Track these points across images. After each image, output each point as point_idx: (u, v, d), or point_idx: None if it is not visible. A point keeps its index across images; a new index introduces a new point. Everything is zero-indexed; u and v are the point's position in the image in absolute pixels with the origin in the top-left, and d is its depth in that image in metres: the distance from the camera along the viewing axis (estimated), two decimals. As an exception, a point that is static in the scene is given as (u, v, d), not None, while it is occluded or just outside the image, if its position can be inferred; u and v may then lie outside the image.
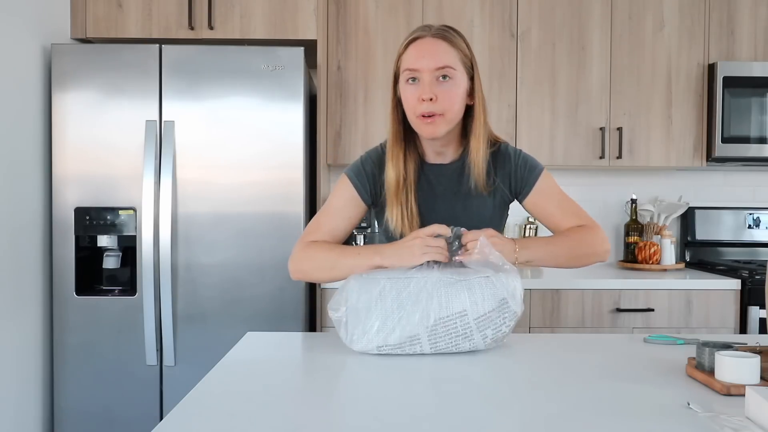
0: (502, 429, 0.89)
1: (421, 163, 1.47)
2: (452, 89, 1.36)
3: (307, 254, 1.41)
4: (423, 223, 1.42)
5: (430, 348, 1.25)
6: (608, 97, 2.83)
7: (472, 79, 1.41)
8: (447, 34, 1.36)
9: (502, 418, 0.93)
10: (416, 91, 1.35)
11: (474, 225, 1.37)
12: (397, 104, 1.43)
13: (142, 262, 2.31)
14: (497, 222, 1.51)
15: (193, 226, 2.34)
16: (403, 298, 1.24)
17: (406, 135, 1.44)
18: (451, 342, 1.25)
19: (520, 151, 1.50)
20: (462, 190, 1.45)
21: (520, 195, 1.49)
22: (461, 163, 1.45)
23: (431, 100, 1.33)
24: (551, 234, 1.49)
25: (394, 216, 1.41)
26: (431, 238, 1.29)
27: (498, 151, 1.48)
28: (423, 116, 1.35)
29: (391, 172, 1.41)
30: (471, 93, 1.41)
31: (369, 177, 1.47)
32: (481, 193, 1.45)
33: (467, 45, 1.40)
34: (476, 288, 1.24)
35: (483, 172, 1.43)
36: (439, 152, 1.47)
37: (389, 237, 1.47)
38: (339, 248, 1.41)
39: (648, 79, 2.83)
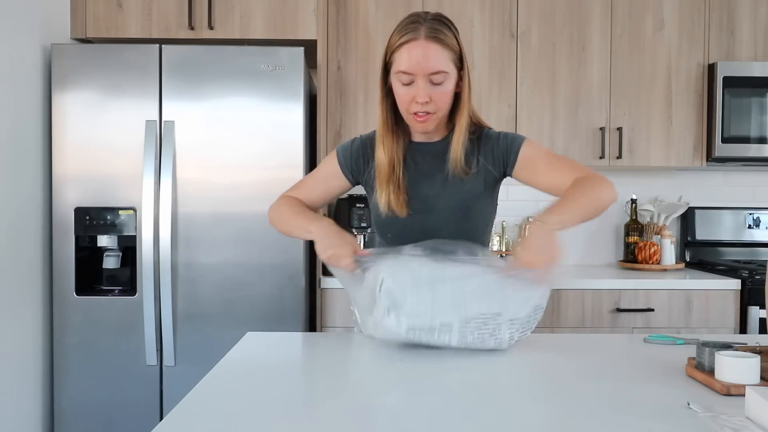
0: (502, 428, 0.89)
1: (408, 142, 1.51)
2: (444, 89, 1.39)
3: (278, 204, 1.56)
4: (410, 202, 1.46)
5: (458, 341, 1.27)
6: (608, 97, 2.83)
7: (460, 69, 1.42)
8: (439, 34, 1.35)
9: (502, 417, 0.93)
10: (410, 91, 1.37)
11: (460, 204, 1.45)
12: (386, 93, 1.45)
13: (142, 262, 2.31)
14: (486, 202, 1.51)
15: (193, 226, 2.34)
16: (437, 283, 1.26)
17: (396, 120, 1.48)
18: (479, 338, 1.28)
19: (503, 132, 1.52)
20: (447, 169, 1.48)
21: (507, 167, 1.49)
22: (446, 143, 1.48)
23: (426, 102, 1.37)
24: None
25: (383, 195, 1.46)
26: (349, 258, 1.32)
27: (481, 135, 1.51)
28: (416, 114, 1.39)
29: (383, 157, 1.45)
30: (458, 81, 1.43)
31: (353, 156, 1.54)
32: (462, 176, 1.47)
33: (457, 38, 1.40)
34: (511, 290, 1.27)
35: (461, 158, 1.45)
36: (425, 134, 1.50)
37: (377, 214, 1.51)
38: (298, 208, 1.52)
39: (648, 79, 2.83)
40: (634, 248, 2.99)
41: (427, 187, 1.48)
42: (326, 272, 2.57)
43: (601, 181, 1.36)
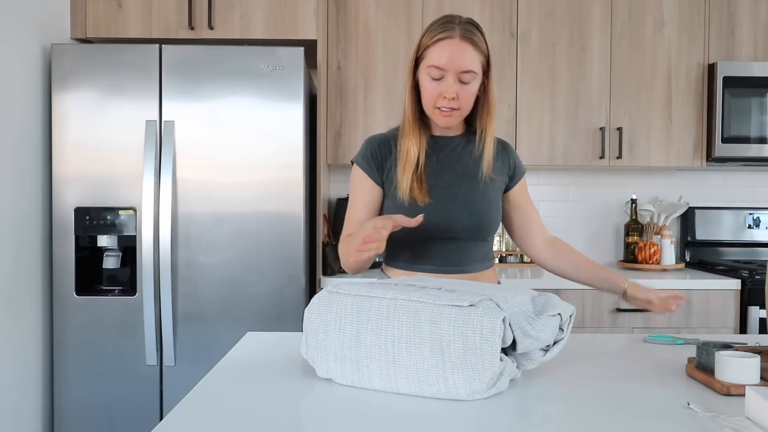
0: (502, 428, 0.89)
1: (429, 136, 1.57)
2: (471, 89, 1.47)
3: (340, 251, 1.56)
4: (430, 192, 1.50)
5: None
6: (608, 97, 2.83)
7: (485, 73, 1.50)
8: (473, 36, 1.44)
9: (502, 416, 0.93)
10: (438, 87, 1.45)
11: (476, 196, 1.51)
12: (414, 86, 1.52)
13: (142, 262, 2.31)
14: (499, 200, 1.58)
15: (193, 226, 2.34)
16: (363, 323, 1.07)
17: (422, 113, 1.53)
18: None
19: (515, 150, 1.68)
20: (464, 162, 1.55)
21: (510, 182, 1.61)
22: (465, 137, 1.57)
23: (453, 99, 1.44)
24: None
25: (405, 184, 1.49)
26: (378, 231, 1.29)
27: (497, 141, 1.61)
28: (440, 109, 1.46)
29: (413, 148, 1.51)
30: (481, 84, 1.51)
31: (374, 154, 1.57)
32: (483, 174, 1.54)
33: (486, 43, 1.48)
34: (445, 323, 1.01)
35: (492, 161, 1.54)
36: (444, 128, 1.57)
37: (398, 204, 1.52)
38: (347, 239, 1.53)
39: (648, 79, 2.83)
40: (634, 248, 2.99)
41: (447, 178, 1.53)
42: (326, 272, 2.57)
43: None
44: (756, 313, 2.51)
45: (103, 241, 2.37)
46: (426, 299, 1.04)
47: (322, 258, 2.55)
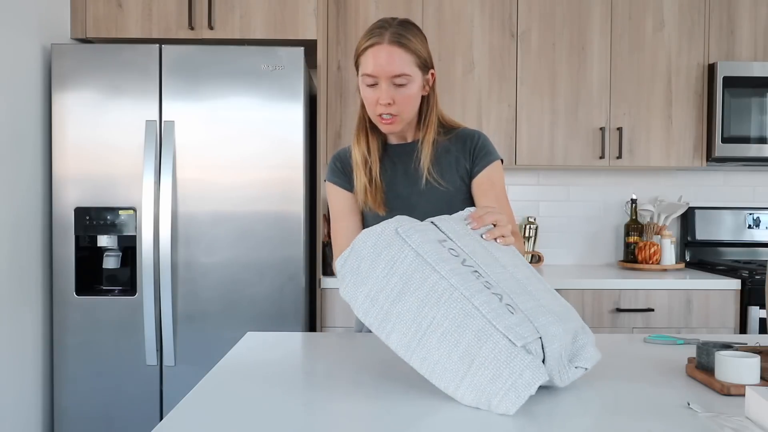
0: (503, 427, 0.89)
1: (385, 146, 1.56)
2: (407, 92, 1.44)
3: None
4: (386, 199, 1.50)
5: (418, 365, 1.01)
6: (608, 97, 2.83)
7: (427, 70, 1.48)
8: (402, 39, 1.41)
9: (500, 415, 0.93)
10: (374, 94, 1.43)
11: (440, 200, 1.48)
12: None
13: (142, 262, 2.31)
14: (462, 205, 1.52)
15: (193, 226, 2.34)
16: (411, 287, 1.00)
17: (371, 121, 1.52)
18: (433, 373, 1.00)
19: (485, 135, 1.57)
20: (421, 170, 1.52)
21: (471, 171, 1.53)
22: (419, 143, 1.54)
23: (389, 104, 1.42)
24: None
25: (361, 194, 1.50)
26: None
27: (459, 134, 1.55)
28: (381, 117, 1.44)
29: (357, 152, 1.51)
30: (425, 84, 1.49)
31: (341, 167, 1.57)
32: (437, 177, 1.50)
33: (422, 44, 1.45)
34: (487, 351, 0.95)
35: (431, 159, 1.49)
36: (399, 136, 1.56)
37: (365, 214, 1.54)
38: None
39: (648, 79, 2.83)
40: (634, 248, 2.99)
41: (406, 187, 1.51)
42: (326, 272, 2.57)
43: (522, 246, 1.48)
44: (756, 313, 2.51)
45: (103, 241, 2.37)
46: (485, 310, 0.96)
47: (322, 258, 2.55)
